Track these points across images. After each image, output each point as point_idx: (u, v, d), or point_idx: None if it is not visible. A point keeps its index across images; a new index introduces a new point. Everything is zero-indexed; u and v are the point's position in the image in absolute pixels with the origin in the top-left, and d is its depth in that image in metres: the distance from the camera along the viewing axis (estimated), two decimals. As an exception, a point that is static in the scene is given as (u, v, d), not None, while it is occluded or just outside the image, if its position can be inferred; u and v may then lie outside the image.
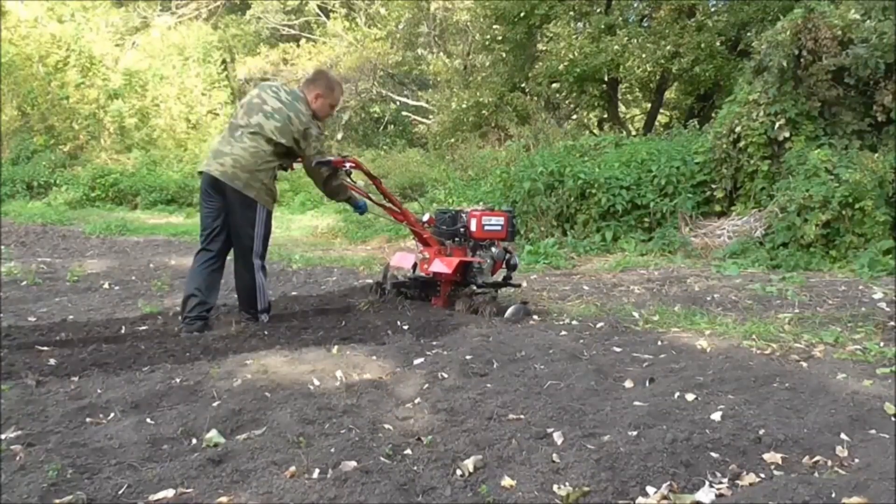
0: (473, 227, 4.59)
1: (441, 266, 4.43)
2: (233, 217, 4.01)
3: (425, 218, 4.74)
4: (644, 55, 12.03)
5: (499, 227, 4.65)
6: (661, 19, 12.99)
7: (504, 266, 4.70)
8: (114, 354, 3.51)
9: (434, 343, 3.72)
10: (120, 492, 2.06)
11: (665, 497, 2.01)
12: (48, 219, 11.09)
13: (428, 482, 2.10)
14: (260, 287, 4.12)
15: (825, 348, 3.56)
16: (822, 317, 4.25)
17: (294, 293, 5.38)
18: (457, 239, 4.66)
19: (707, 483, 2.08)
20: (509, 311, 4.31)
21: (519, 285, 5.00)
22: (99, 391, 2.93)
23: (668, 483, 2.07)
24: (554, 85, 13.71)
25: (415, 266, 4.81)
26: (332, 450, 2.30)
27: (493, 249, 4.66)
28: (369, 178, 4.67)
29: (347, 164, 4.28)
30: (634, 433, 2.38)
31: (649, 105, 15.36)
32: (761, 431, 2.38)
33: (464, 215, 4.69)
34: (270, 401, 2.78)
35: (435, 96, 16.73)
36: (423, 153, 15.44)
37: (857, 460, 2.22)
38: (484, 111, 14.24)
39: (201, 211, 4.16)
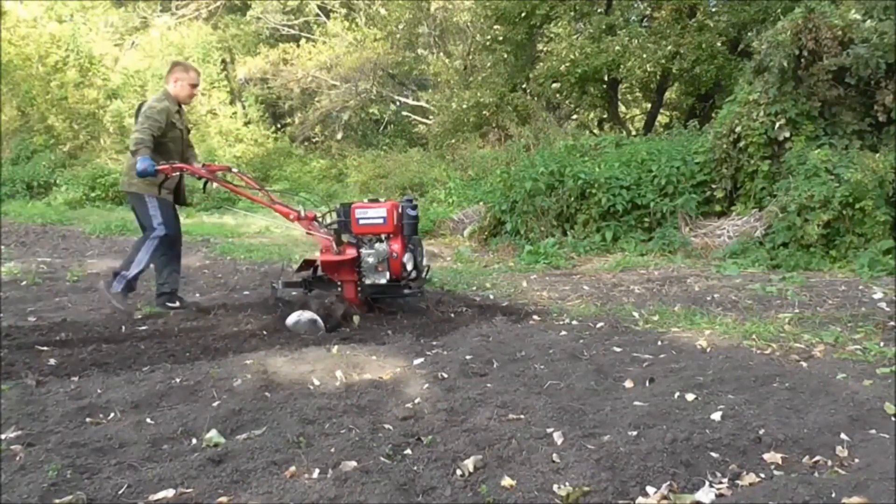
0: (351, 222, 4.35)
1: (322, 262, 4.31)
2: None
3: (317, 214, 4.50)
4: (645, 55, 12.02)
5: (379, 220, 4.26)
6: (661, 19, 12.98)
7: (403, 267, 4.27)
8: (114, 354, 3.51)
9: (434, 343, 3.72)
10: (120, 492, 2.06)
11: (665, 497, 2.01)
12: (48, 219, 11.09)
13: (428, 482, 2.10)
14: (140, 262, 4.67)
15: (825, 348, 3.56)
16: (822, 317, 4.25)
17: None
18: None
19: (707, 483, 2.08)
20: (290, 317, 4.01)
21: (415, 293, 4.41)
22: (99, 391, 2.93)
23: (668, 483, 2.07)
24: (555, 85, 13.70)
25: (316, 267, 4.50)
26: (332, 450, 2.30)
27: (377, 245, 4.30)
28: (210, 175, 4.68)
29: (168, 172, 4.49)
30: (634, 433, 2.38)
31: (649, 105, 15.35)
32: (761, 431, 2.38)
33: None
34: (270, 401, 2.78)
35: (435, 96, 16.72)
36: (424, 153, 15.44)
37: (857, 460, 2.22)
38: (484, 111, 14.23)
39: None
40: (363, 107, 19.16)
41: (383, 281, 4.31)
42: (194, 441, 2.43)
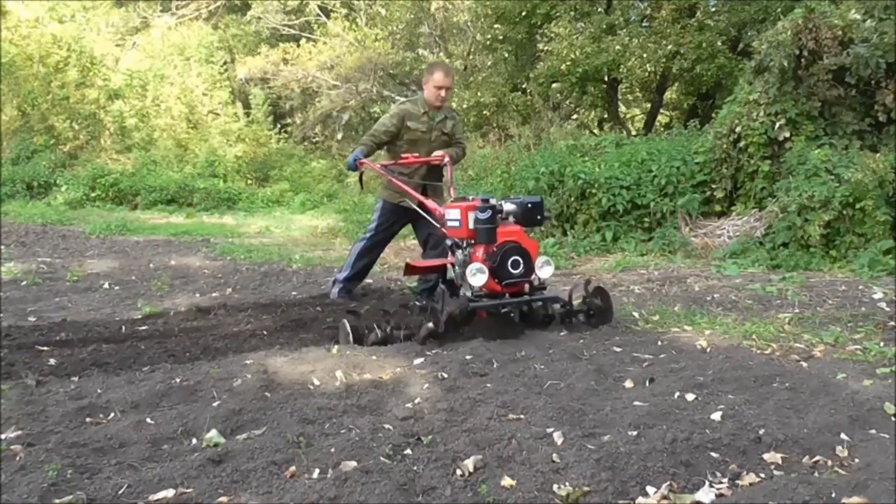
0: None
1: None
2: None
3: None
4: (645, 55, 12.02)
5: (456, 224, 3.88)
6: (661, 19, 12.97)
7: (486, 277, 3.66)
8: (114, 354, 3.52)
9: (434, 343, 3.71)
10: (120, 492, 2.06)
11: (665, 497, 2.01)
12: (48, 219, 11.09)
13: (428, 482, 2.10)
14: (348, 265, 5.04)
15: (825, 348, 3.56)
16: (822, 317, 4.25)
17: (294, 293, 5.38)
18: None
19: (707, 483, 2.08)
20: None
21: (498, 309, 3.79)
22: (99, 391, 2.93)
23: (668, 483, 2.07)
24: (555, 85, 13.70)
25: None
26: (332, 450, 2.30)
27: (458, 253, 3.93)
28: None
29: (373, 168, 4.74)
30: (634, 433, 2.38)
31: (649, 105, 15.34)
32: (761, 431, 2.37)
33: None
34: (270, 401, 2.78)
35: (435, 96, 16.71)
36: (424, 153, 15.42)
37: (857, 460, 2.21)
38: (485, 111, 14.23)
39: None
40: (364, 107, 19.15)
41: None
42: (194, 441, 2.43)
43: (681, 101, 15.87)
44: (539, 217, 3.95)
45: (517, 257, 3.71)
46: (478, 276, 3.65)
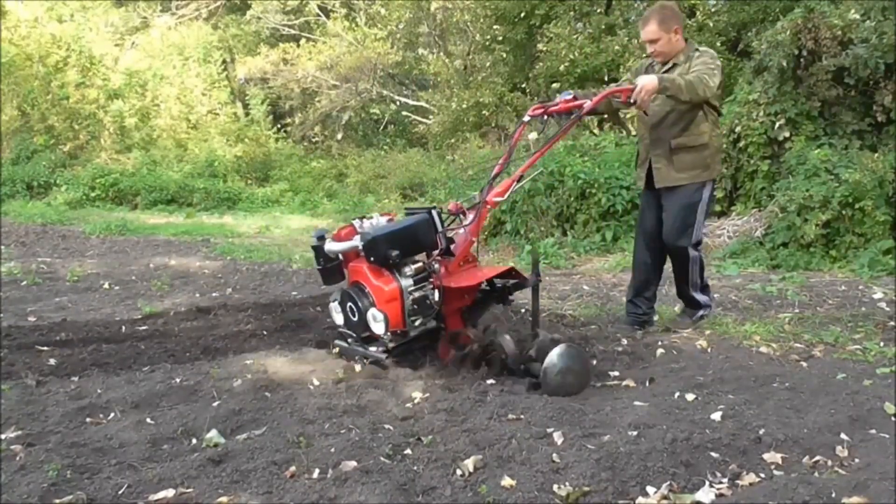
0: None
1: None
2: None
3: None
4: (644, 55, 12.03)
5: None
6: (661, 19, 12.99)
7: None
8: (114, 354, 3.51)
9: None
10: (120, 492, 2.06)
11: (665, 497, 2.01)
12: (48, 219, 11.08)
13: (428, 482, 2.10)
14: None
15: (825, 348, 3.56)
16: (822, 317, 4.25)
17: (294, 293, 5.38)
18: None
19: (707, 483, 2.08)
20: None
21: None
22: (99, 391, 2.93)
23: (668, 483, 2.07)
24: (554, 85, 13.71)
25: None
26: (332, 450, 2.30)
27: None
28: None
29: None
30: (634, 433, 2.38)
31: (649, 105, 15.35)
32: (761, 431, 2.38)
33: None
34: (270, 401, 2.78)
35: (435, 96, 16.72)
36: (423, 153, 15.43)
37: (857, 460, 2.22)
38: (484, 111, 14.23)
39: None
40: (363, 107, 19.15)
41: None
42: (194, 441, 2.43)
43: (680, 101, 15.84)
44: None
45: None
46: None
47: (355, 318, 3.15)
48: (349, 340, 3.29)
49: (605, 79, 13.67)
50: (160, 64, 17.40)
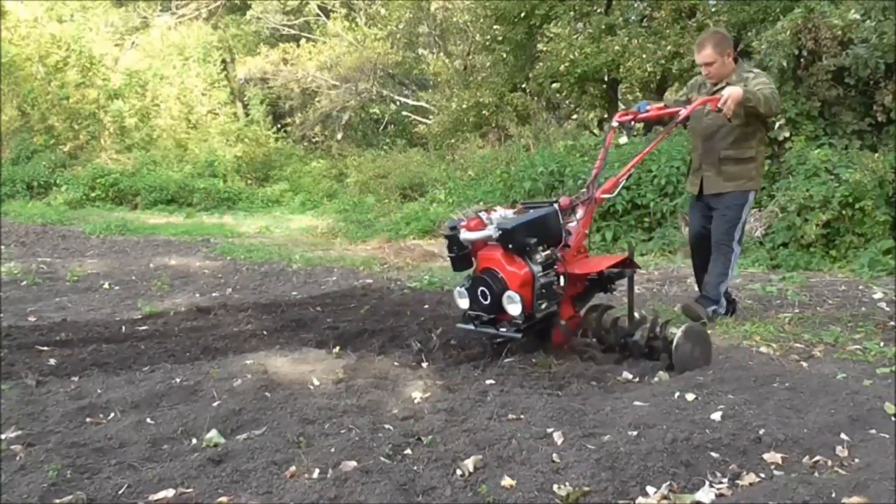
0: None
1: None
2: None
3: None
4: (644, 55, 12.01)
5: None
6: (661, 19, 12.98)
7: None
8: (114, 354, 3.51)
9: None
10: (120, 492, 2.06)
11: (665, 497, 2.01)
12: (48, 219, 11.09)
13: (428, 482, 2.10)
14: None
15: (825, 348, 3.56)
16: (822, 317, 4.25)
17: (294, 293, 5.38)
18: None
19: (707, 483, 2.08)
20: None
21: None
22: (99, 391, 2.93)
23: (668, 483, 2.07)
24: (554, 85, 13.71)
25: None
26: (332, 450, 2.30)
27: None
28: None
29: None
30: (634, 433, 2.37)
31: (650, 105, 15.35)
32: (761, 431, 2.37)
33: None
34: (270, 401, 2.78)
35: (435, 96, 16.73)
36: (423, 153, 15.44)
37: (857, 460, 2.21)
38: (484, 111, 14.24)
39: None
40: (363, 107, 19.16)
41: None
42: (194, 441, 2.43)
43: (680, 101, 15.83)
44: None
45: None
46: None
47: (486, 302, 3.28)
48: (475, 323, 3.39)
49: (605, 79, 13.69)
50: (160, 64, 17.40)
